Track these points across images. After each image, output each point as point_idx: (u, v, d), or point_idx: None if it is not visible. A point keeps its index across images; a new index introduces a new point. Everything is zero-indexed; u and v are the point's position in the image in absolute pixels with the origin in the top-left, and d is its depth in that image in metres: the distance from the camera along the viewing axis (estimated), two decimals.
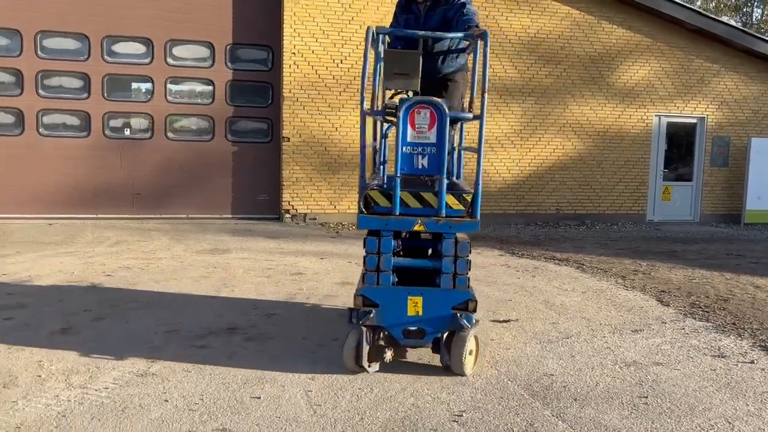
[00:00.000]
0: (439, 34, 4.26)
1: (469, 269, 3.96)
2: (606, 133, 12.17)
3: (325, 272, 7.06)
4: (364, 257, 3.99)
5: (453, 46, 4.65)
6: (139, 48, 10.57)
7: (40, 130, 10.32)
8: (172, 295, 5.88)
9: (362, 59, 4.20)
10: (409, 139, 3.89)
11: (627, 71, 12.12)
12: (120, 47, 10.52)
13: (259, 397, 3.62)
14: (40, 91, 10.25)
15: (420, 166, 3.92)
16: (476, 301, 3.97)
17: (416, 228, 3.90)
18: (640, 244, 9.91)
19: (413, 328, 3.97)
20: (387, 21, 10.81)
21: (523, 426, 3.37)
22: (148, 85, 10.69)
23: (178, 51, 10.73)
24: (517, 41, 11.54)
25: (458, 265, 3.93)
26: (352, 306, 4.07)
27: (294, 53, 10.75)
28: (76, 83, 10.43)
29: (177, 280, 6.49)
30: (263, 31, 10.97)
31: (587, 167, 12.17)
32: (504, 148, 11.73)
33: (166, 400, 3.55)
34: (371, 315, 3.92)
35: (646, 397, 3.80)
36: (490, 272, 7.34)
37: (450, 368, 4.00)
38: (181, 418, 3.33)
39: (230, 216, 11.13)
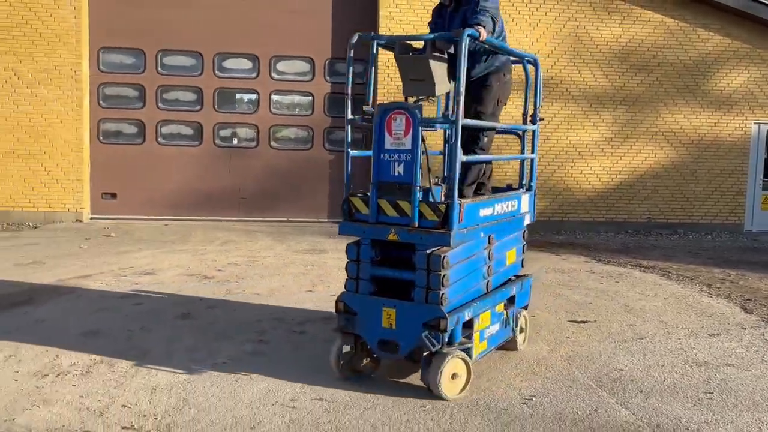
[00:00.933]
0: (431, 36, 4.03)
1: (445, 284, 3.66)
2: (701, 141, 11.98)
3: None
4: (346, 264, 4.00)
5: (476, 47, 4.28)
6: (246, 64, 11.47)
7: (159, 139, 11.39)
8: (276, 288, 6.52)
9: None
10: (386, 146, 3.81)
11: (724, 79, 11.88)
12: (229, 63, 11.45)
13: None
14: (159, 104, 11.33)
15: (396, 174, 3.78)
16: (447, 318, 3.62)
17: (390, 237, 3.77)
18: (733, 254, 9.75)
19: (387, 340, 3.83)
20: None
21: (587, 411, 3.69)
22: (254, 98, 11.56)
23: (281, 66, 11.55)
24: (608, 50, 11.60)
25: (431, 279, 3.68)
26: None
27: (387, 66, 11.31)
28: (191, 96, 11.44)
29: (279, 275, 7.14)
30: (359, 46, 11.57)
31: (680, 176, 12.01)
32: (594, 156, 11.80)
33: (273, 374, 4.12)
34: (349, 322, 3.92)
35: (712, 393, 4.01)
36: (573, 277, 7.56)
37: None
38: (284, 389, 3.88)
39: (326, 220, 11.81)
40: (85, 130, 10.87)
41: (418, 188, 3.73)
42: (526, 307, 4.87)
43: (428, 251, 3.69)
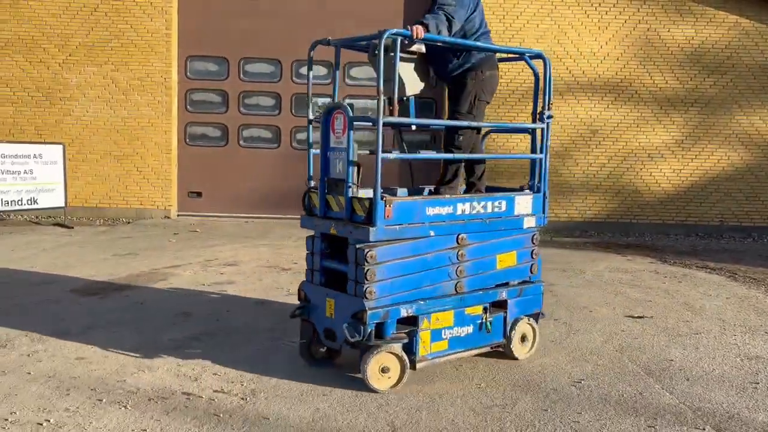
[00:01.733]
0: (369, 36, 4.16)
1: (369, 278, 3.74)
2: None
3: None
4: (306, 255, 4.26)
5: (446, 46, 4.34)
6: (322, 70, 12.06)
7: (241, 142, 12.13)
8: None
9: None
10: (331, 144, 3.96)
11: None
12: (305, 70, 12.07)
13: None
14: (241, 109, 12.07)
15: (338, 171, 3.92)
16: (367, 311, 3.71)
17: (331, 231, 3.94)
18: None
19: (329, 329, 3.99)
20: (547, 37, 11.39)
21: (632, 393, 3.96)
22: (328, 102, 12.12)
23: (354, 72, 12.08)
24: (680, 52, 11.54)
25: (358, 272, 3.78)
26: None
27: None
28: (270, 101, 12.13)
29: None
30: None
31: (756, 179, 11.79)
32: (664, 158, 11.75)
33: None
34: (305, 310, 4.19)
35: (757, 383, 4.19)
36: (636, 277, 7.69)
37: None
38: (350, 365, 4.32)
39: None
40: (174, 133, 11.72)
41: (350, 185, 3.85)
42: (536, 316, 4.60)
43: (357, 246, 3.80)
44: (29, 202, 10.09)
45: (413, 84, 4.44)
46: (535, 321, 4.58)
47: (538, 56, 4.49)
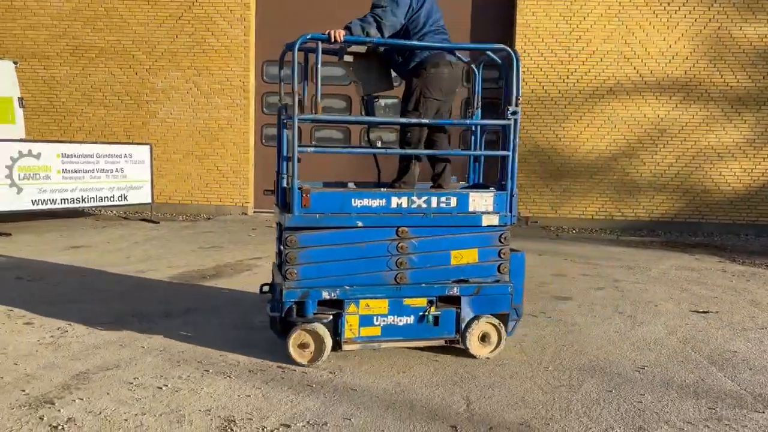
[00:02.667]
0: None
1: (290, 261, 4.14)
2: None
3: (542, 265, 8.08)
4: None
5: (399, 45, 4.57)
6: None
7: (313, 142, 12.67)
8: None
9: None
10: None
11: None
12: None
13: None
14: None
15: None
16: (283, 291, 4.12)
17: (278, 217, 4.51)
18: None
19: (273, 305, 4.42)
20: (614, 37, 11.46)
21: (694, 380, 4.18)
22: (395, 103, 12.53)
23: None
24: (752, 50, 11.41)
25: (283, 254, 4.24)
26: None
27: (524, 72, 11.87)
28: (341, 104, 12.63)
29: None
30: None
31: None
32: (734, 157, 11.63)
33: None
34: (271, 287, 4.71)
35: None
36: (703, 275, 7.77)
37: None
38: (430, 347, 4.69)
39: None
40: (251, 134, 12.37)
41: (283, 176, 4.32)
42: (503, 317, 4.47)
43: (284, 231, 4.22)
44: (120, 199, 10.88)
45: (372, 84, 4.72)
46: (501, 322, 4.44)
47: (503, 51, 4.42)
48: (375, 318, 4.31)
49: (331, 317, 4.25)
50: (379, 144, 12.63)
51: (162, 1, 12.06)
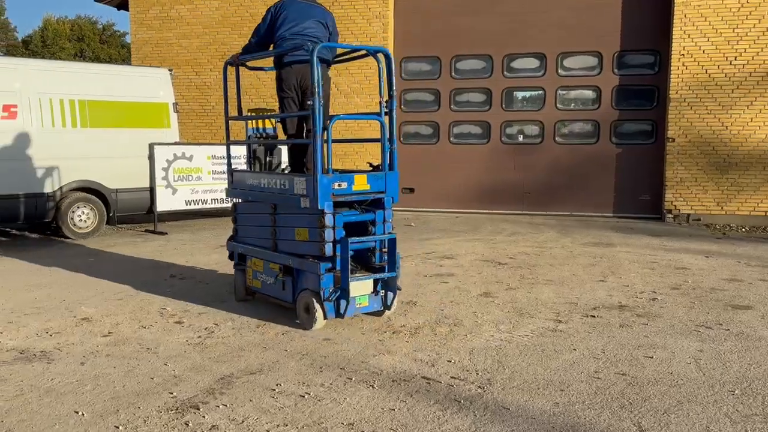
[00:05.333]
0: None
1: (234, 223, 5.81)
2: None
3: (711, 269, 7.23)
4: None
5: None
6: (533, 63, 11.89)
7: (451, 138, 12.38)
8: (566, 276, 6.84)
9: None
10: None
11: None
12: (517, 63, 11.99)
13: (652, 357, 4.31)
14: (452, 106, 12.31)
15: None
16: (226, 243, 6.02)
17: None
18: None
19: None
20: None
21: None
22: (540, 95, 11.93)
23: (568, 62, 11.75)
24: None
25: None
26: None
27: (683, 54, 10.82)
28: (480, 98, 12.23)
29: (568, 265, 7.43)
30: (650, 36, 11.28)
31: None
32: None
33: (575, 349, 4.48)
34: None
35: None
36: None
37: None
38: (588, 362, 4.22)
39: (611, 214, 11.71)
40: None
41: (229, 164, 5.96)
42: (317, 294, 4.79)
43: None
44: None
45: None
46: (316, 298, 4.80)
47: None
48: (257, 274, 5.52)
49: (244, 268, 5.70)
50: (521, 138, 12.10)
51: None
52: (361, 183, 4.91)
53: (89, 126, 9.46)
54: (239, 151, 10.75)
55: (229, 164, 5.91)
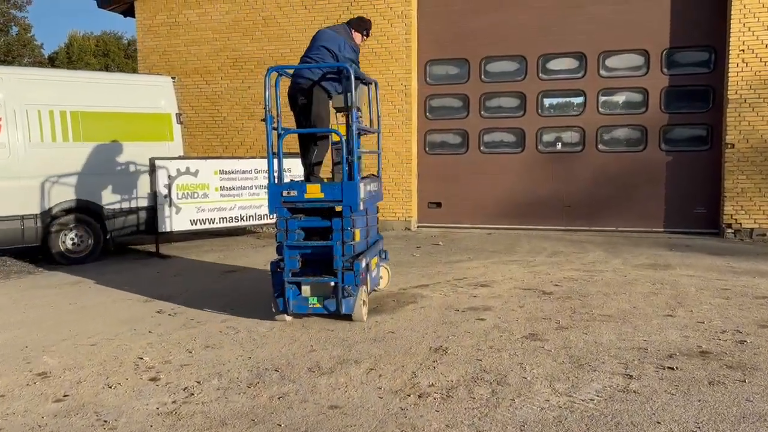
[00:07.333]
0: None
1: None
2: None
3: None
4: None
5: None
6: (572, 63, 10.79)
7: (482, 148, 11.31)
8: (626, 309, 5.72)
9: None
10: None
11: None
12: (554, 64, 10.89)
13: None
14: (482, 112, 11.25)
15: None
16: None
17: None
18: None
19: None
20: None
21: None
22: (580, 99, 10.82)
23: (610, 62, 10.63)
24: None
25: None
26: None
27: (742, 50, 9.65)
28: (513, 102, 11.15)
29: (625, 294, 6.32)
30: (704, 31, 10.13)
31: None
32: None
33: (659, 422, 3.39)
34: None
35: None
36: None
37: None
38: None
39: (662, 230, 10.53)
40: (413, 142, 11.27)
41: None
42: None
43: None
44: None
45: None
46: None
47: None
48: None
49: None
50: (559, 146, 11.00)
51: (319, 4, 11.38)
52: (313, 191, 5.25)
53: (83, 140, 8.62)
54: (246, 166, 9.85)
55: (279, 177, 5.56)
